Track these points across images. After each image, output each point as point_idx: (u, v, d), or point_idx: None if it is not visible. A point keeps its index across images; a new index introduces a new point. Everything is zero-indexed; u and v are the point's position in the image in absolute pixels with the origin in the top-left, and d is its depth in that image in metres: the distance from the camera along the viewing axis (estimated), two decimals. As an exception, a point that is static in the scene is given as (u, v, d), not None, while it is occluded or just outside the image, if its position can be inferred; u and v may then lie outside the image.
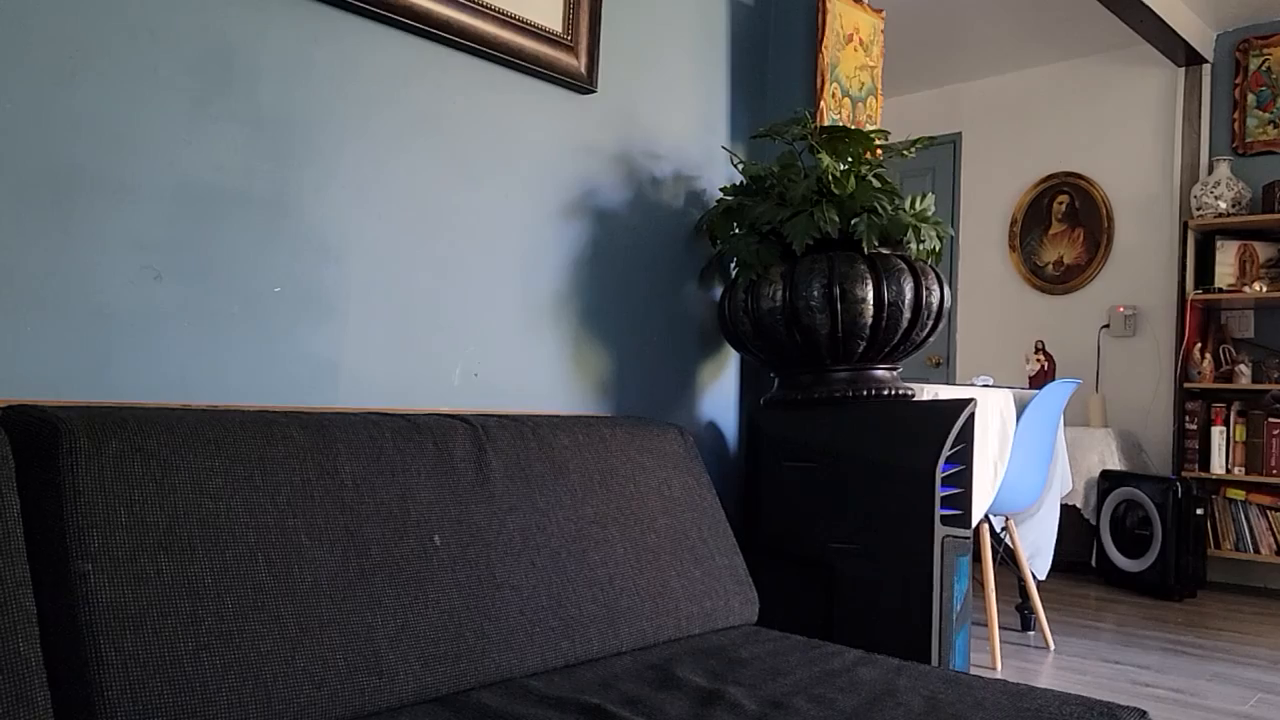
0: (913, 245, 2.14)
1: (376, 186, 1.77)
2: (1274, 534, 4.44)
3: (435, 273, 1.86)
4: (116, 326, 1.44)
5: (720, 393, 2.51)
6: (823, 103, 2.52)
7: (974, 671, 2.46)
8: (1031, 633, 3.54)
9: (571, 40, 2.08)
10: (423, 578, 1.41)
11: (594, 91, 2.14)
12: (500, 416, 1.75)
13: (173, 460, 1.23)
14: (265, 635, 1.21)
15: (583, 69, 2.10)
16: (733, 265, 2.29)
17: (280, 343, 1.63)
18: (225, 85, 1.56)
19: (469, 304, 1.92)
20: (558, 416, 1.86)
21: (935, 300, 2.14)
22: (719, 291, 2.48)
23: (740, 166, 2.38)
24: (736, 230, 2.27)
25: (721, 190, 2.36)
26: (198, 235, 1.53)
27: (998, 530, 3.42)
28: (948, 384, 4.07)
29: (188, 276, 1.51)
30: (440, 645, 1.38)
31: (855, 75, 2.62)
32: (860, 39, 2.64)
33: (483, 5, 1.90)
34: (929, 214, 2.17)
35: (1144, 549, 4.35)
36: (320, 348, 1.68)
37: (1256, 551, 4.47)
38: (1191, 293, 4.68)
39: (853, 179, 2.13)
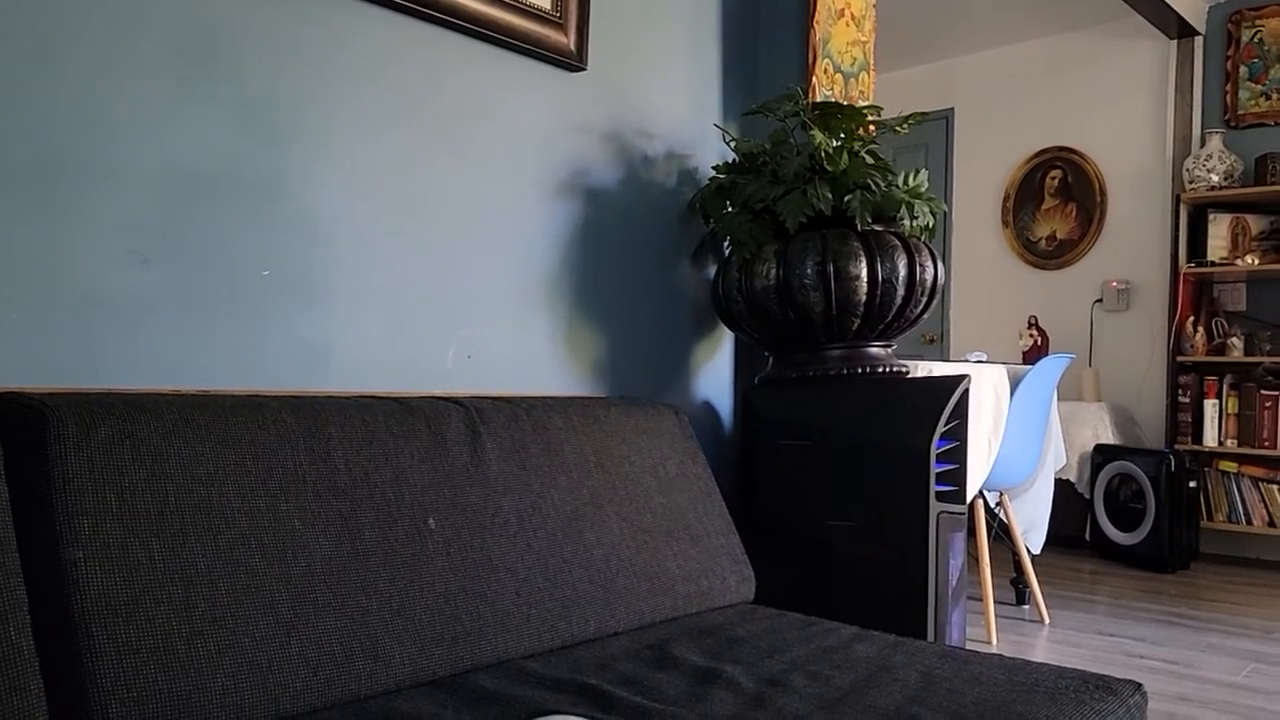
0: (906, 222, 2.13)
1: (365, 168, 1.75)
2: (1266, 506, 4.46)
3: (426, 254, 1.85)
4: (104, 312, 1.42)
5: (715, 372, 2.50)
6: (815, 79, 2.50)
7: (970, 646, 2.47)
8: (1026, 607, 3.55)
9: (561, 17, 2.05)
10: (418, 561, 1.41)
11: (584, 69, 2.12)
12: (494, 398, 1.74)
13: (163, 446, 1.22)
14: (260, 621, 1.21)
15: (572, 46, 2.08)
16: (726, 244, 2.28)
17: (270, 326, 1.61)
18: (211, 67, 1.54)
19: (461, 285, 1.91)
20: (552, 398, 1.85)
21: (929, 277, 2.13)
22: (712, 270, 2.46)
23: (732, 144, 2.37)
24: (729, 208, 2.26)
25: (714, 168, 2.34)
26: (185, 219, 1.51)
27: (992, 505, 3.43)
28: (942, 360, 4.08)
29: (176, 260, 1.50)
30: (436, 628, 1.38)
31: (847, 51, 2.60)
32: (852, 14, 2.61)
33: (470, -18, 1.87)
34: (922, 190, 2.16)
35: (1137, 522, 4.37)
36: (311, 331, 1.67)
37: (1249, 523, 4.49)
38: (1184, 266, 4.68)
39: (845, 155, 2.11)
